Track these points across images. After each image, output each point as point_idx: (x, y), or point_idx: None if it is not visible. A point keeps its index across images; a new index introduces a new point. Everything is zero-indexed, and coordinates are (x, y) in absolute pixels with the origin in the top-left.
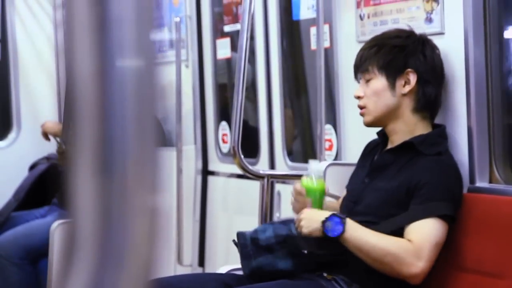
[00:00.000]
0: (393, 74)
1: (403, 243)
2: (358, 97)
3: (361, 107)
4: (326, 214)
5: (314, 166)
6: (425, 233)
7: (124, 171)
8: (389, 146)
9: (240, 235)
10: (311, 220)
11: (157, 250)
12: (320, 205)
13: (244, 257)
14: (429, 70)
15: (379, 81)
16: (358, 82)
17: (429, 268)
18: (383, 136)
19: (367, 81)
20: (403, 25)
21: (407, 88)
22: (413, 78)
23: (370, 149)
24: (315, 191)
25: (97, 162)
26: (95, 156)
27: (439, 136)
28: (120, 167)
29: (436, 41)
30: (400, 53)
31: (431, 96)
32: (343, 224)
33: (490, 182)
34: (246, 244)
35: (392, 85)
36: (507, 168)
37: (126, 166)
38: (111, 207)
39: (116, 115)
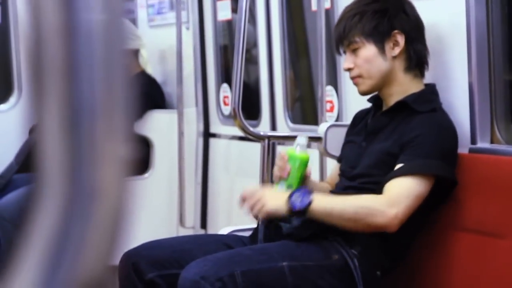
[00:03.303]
0: (380, 39)
1: (373, 196)
2: (349, 69)
3: (354, 78)
4: (286, 193)
5: (300, 140)
6: (402, 185)
7: (92, 123)
8: (384, 108)
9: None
10: (274, 197)
11: (127, 200)
12: (298, 175)
13: (265, 238)
14: (414, 27)
15: (368, 49)
16: (340, 55)
17: (404, 215)
18: (375, 101)
19: (354, 51)
20: None
21: (397, 50)
22: (401, 39)
23: (361, 119)
24: (295, 159)
25: (64, 114)
26: (62, 109)
27: (431, 94)
28: (88, 119)
29: (437, 0)
30: (383, 17)
31: (421, 52)
32: (310, 193)
33: (492, 142)
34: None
35: (381, 50)
36: (508, 129)
37: (94, 118)
38: (79, 158)
39: (83, 67)
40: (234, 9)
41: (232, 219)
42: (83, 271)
